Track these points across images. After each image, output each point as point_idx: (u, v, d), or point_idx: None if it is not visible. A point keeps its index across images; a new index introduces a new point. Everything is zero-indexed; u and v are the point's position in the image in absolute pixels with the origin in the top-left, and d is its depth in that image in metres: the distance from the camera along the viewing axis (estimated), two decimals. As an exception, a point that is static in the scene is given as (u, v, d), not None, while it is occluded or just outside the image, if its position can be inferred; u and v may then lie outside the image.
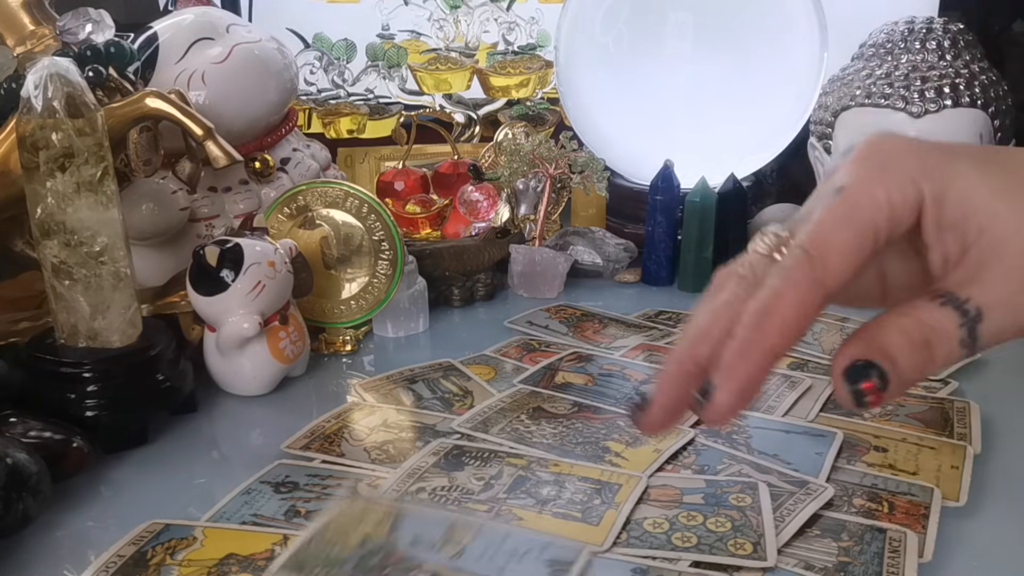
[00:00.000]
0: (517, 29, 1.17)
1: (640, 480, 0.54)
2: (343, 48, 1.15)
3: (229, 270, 0.65)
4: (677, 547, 0.48)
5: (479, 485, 0.54)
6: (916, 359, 0.31)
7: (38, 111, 0.57)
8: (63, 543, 0.52)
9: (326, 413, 0.65)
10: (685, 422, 0.61)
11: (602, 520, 0.51)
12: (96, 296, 0.61)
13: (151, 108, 0.66)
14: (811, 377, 0.70)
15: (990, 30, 1.22)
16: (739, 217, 0.94)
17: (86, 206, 0.59)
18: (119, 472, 0.59)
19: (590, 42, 1.00)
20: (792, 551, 0.49)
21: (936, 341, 0.31)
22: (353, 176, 1.08)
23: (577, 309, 0.86)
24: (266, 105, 0.80)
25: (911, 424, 0.63)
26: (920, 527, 0.51)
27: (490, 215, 0.99)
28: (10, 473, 0.50)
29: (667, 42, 0.96)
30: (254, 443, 0.65)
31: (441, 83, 1.15)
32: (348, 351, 0.78)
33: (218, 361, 0.69)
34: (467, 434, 0.61)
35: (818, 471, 0.56)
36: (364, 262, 0.78)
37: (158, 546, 0.50)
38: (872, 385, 0.31)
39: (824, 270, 0.31)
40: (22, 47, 0.69)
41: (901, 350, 0.31)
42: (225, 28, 0.79)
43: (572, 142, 0.95)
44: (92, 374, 0.60)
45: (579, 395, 0.66)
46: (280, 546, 0.49)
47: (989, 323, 0.32)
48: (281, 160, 0.83)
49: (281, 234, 0.77)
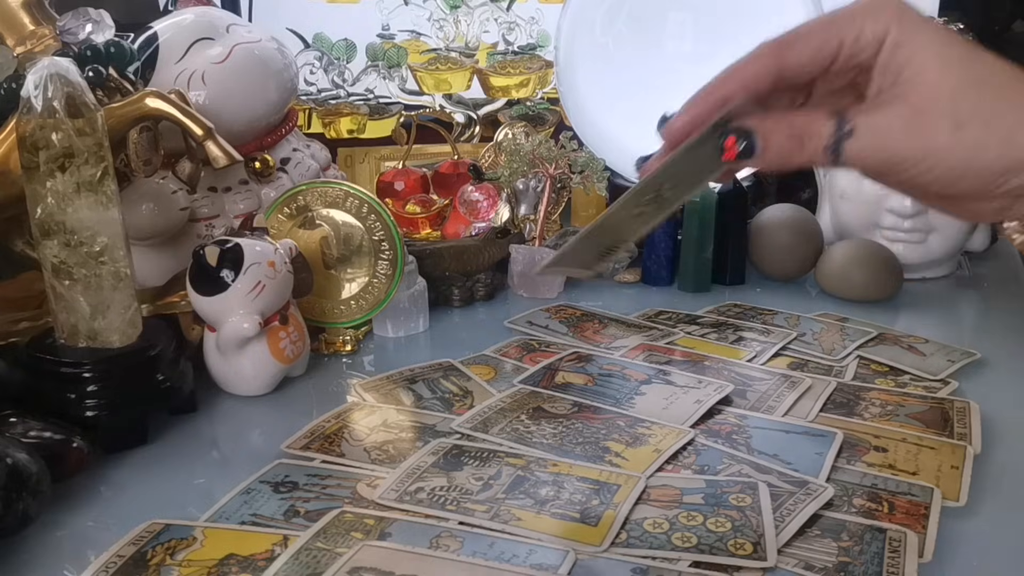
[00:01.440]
0: (517, 29, 1.17)
1: (639, 480, 0.54)
2: (343, 48, 1.15)
3: (229, 270, 0.65)
4: (677, 547, 0.48)
5: (478, 485, 0.54)
6: (786, 145, 0.40)
7: (38, 111, 0.57)
8: (63, 543, 0.52)
9: (326, 413, 0.65)
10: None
11: (600, 520, 0.51)
12: (96, 296, 0.61)
13: (151, 108, 0.66)
14: (811, 377, 0.70)
15: (990, 30, 1.22)
16: (739, 217, 0.94)
17: (86, 206, 0.59)
18: (119, 472, 0.59)
19: (590, 42, 1.00)
20: (792, 551, 0.49)
21: (808, 140, 0.39)
22: (353, 176, 1.08)
23: (577, 309, 0.86)
24: (266, 105, 0.81)
25: (911, 424, 0.63)
26: (920, 527, 0.51)
27: (490, 215, 0.99)
28: (10, 473, 0.50)
29: (667, 42, 0.96)
30: (254, 443, 0.65)
31: (441, 83, 1.15)
32: (348, 351, 0.78)
33: (218, 361, 0.69)
34: (467, 434, 0.61)
35: (818, 471, 0.56)
36: (364, 262, 0.78)
37: (158, 546, 0.49)
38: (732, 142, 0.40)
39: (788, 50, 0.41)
40: (22, 47, 0.69)
41: (778, 133, 0.40)
42: (225, 28, 0.79)
43: (572, 142, 0.95)
44: (92, 374, 0.60)
45: (579, 395, 0.66)
46: (280, 546, 0.49)
47: (855, 141, 0.39)
48: (281, 160, 0.83)
49: (281, 234, 0.77)
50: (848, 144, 0.39)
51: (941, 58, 0.38)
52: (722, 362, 0.73)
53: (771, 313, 0.85)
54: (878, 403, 0.66)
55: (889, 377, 0.72)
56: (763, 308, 0.86)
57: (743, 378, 0.70)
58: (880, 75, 0.40)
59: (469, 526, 0.51)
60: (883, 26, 0.39)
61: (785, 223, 0.93)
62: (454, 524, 0.51)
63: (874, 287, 0.88)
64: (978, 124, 0.38)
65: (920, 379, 0.71)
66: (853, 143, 0.39)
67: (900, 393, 0.68)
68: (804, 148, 0.40)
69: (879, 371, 0.73)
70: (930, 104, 0.38)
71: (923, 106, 0.38)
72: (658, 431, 0.61)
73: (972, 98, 0.38)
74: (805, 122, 0.40)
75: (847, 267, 0.89)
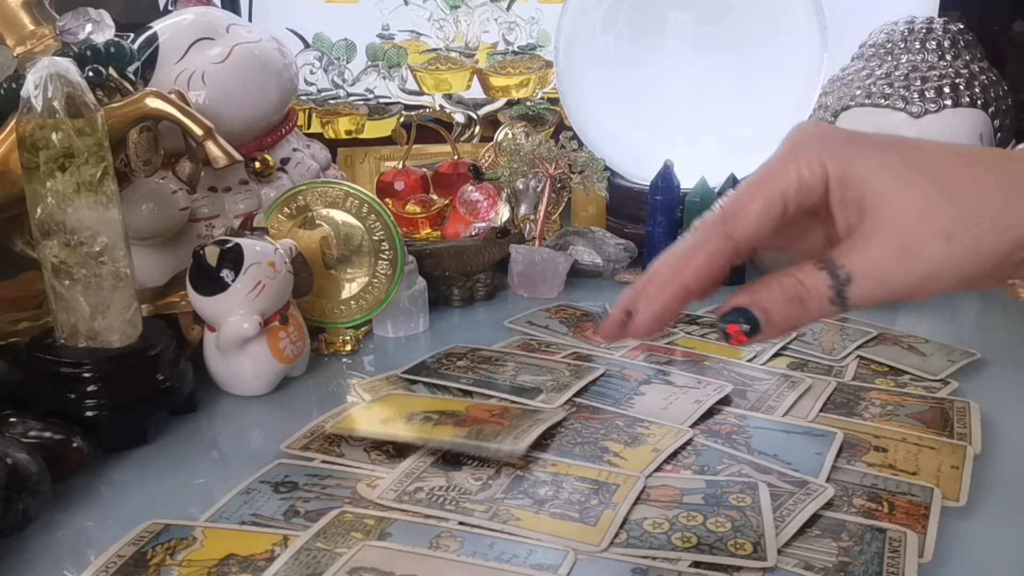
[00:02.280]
0: (517, 29, 1.17)
1: (638, 480, 0.54)
2: (343, 48, 1.15)
3: (229, 270, 0.65)
4: (677, 547, 0.48)
5: (477, 485, 0.54)
6: (789, 311, 0.38)
7: (38, 111, 0.57)
8: (63, 543, 0.52)
9: (326, 413, 0.65)
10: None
11: (599, 520, 0.51)
12: (96, 296, 0.61)
13: (151, 108, 0.66)
14: (811, 377, 0.70)
15: (990, 30, 1.22)
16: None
17: (86, 206, 0.59)
18: (119, 472, 0.59)
19: (590, 42, 1.00)
20: (792, 551, 0.49)
21: (808, 298, 0.38)
22: (353, 176, 1.08)
23: (577, 309, 0.86)
24: (266, 105, 0.81)
25: (911, 424, 0.63)
26: (920, 527, 0.51)
27: (490, 215, 0.99)
28: (10, 473, 0.50)
29: (667, 42, 0.96)
30: (254, 443, 0.65)
31: (441, 83, 1.15)
32: (348, 351, 0.78)
33: (218, 361, 0.69)
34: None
35: (818, 471, 0.56)
36: (364, 262, 0.78)
37: (158, 546, 0.50)
38: (736, 328, 0.39)
39: (733, 226, 0.39)
40: (22, 47, 0.69)
41: (776, 303, 0.38)
42: (225, 28, 0.79)
43: (572, 142, 0.95)
44: (92, 374, 0.60)
45: (578, 395, 0.66)
46: (280, 546, 0.49)
47: (857, 287, 0.38)
48: (281, 160, 0.83)
49: (281, 234, 0.77)
50: (850, 291, 0.38)
51: (894, 178, 0.37)
52: (722, 362, 0.73)
53: (771, 313, 0.85)
54: (878, 403, 0.66)
55: (889, 377, 0.72)
56: (763, 308, 0.86)
57: (743, 378, 0.70)
58: (841, 211, 0.38)
59: (469, 526, 0.51)
60: (818, 167, 0.38)
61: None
62: (454, 524, 0.51)
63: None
64: (965, 226, 0.37)
65: (920, 379, 0.71)
66: (855, 290, 0.38)
67: (900, 393, 0.68)
68: (808, 308, 0.38)
69: (879, 371, 0.73)
70: (910, 229, 0.37)
71: (905, 234, 0.37)
72: (657, 431, 0.61)
73: (945, 206, 0.37)
74: (797, 283, 0.38)
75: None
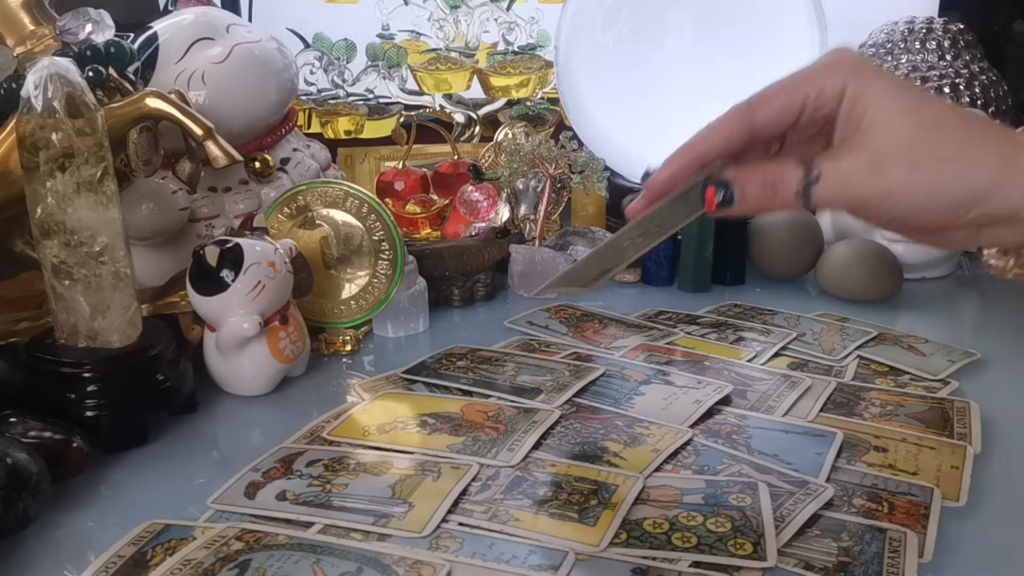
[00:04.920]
0: (517, 29, 1.17)
1: (637, 480, 0.54)
2: (343, 48, 1.15)
3: (229, 270, 0.65)
4: (677, 547, 0.48)
5: (476, 486, 0.54)
6: (760, 194, 0.45)
7: (38, 111, 0.57)
8: (63, 543, 0.52)
9: (326, 413, 0.65)
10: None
11: (599, 520, 0.51)
12: (96, 296, 0.61)
13: (151, 108, 0.66)
14: (811, 377, 0.70)
15: (990, 30, 1.22)
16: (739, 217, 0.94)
17: (86, 206, 0.59)
18: (119, 472, 0.59)
19: (590, 42, 1.00)
20: (792, 551, 0.49)
21: (780, 187, 0.44)
22: (353, 176, 1.08)
23: (577, 309, 0.86)
24: (266, 105, 0.81)
25: (911, 424, 0.63)
26: (920, 527, 0.51)
27: (490, 215, 0.99)
28: (10, 473, 0.50)
29: (667, 42, 0.96)
30: (254, 443, 0.64)
31: (441, 83, 1.15)
32: (348, 351, 0.78)
33: (218, 361, 0.69)
34: (467, 434, 0.61)
35: (818, 471, 0.56)
36: (364, 262, 0.78)
37: (158, 546, 0.49)
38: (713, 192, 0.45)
39: (755, 112, 0.45)
40: (22, 47, 0.69)
41: (753, 184, 0.45)
42: (225, 28, 0.79)
43: (572, 142, 0.95)
44: (92, 374, 0.60)
45: (577, 395, 0.66)
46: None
47: (822, 186, 0.43)
48: (281, 160, 0.83)
49: (281, 234, 0.77)
50: (816, 189, 0.43)
51: (896, 106, 0.43)
52: (722, 362, 0.73)
53: (771, 313, 0.85)
54: (878, 403, 0.66)
55: (889, 377, 0.72)
56: (763, 308, 0.86)
57: (743, 378, 0.70)
58: (843, 125, 0.44)
59: (468, 527, 0.51)
60: (841, 81, 0.43)
61: (785, 223, 0.93)
62: (454, 524, 0.51)
63: (874, 287, 0.88)
64: (932, 164, 0.42)
65: (920, 379, 0.71)
66: (821, 188, 0.43)
67: (900, 393, 0.68)
68: (777, 195, 0.44)
69: (879, 371, 0.73)
70: (888, 149, 0.42)
71: (882, 151, 0.42)
72: (656, 431, 0.61)
73: (925, 141, 0.42)
74: (776, 171, 0.44)
75: (847, 267, 0.89)
